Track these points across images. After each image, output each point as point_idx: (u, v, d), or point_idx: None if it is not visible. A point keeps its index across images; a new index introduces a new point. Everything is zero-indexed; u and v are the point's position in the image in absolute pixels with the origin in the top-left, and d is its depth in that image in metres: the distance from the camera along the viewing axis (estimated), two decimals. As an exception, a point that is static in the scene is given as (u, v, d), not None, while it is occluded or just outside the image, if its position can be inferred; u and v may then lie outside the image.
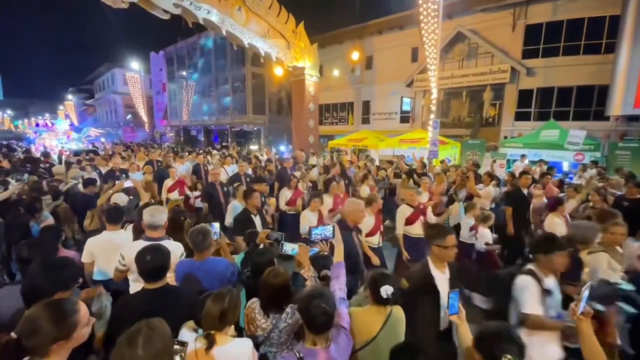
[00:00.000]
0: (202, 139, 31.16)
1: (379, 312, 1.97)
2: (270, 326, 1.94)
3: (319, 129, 14.86)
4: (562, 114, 14.18)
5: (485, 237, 4.40)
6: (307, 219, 4.23)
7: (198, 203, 6.21)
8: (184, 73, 29.34)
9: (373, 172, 7.86)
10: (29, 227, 3.11)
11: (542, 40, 14.61)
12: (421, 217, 4.34)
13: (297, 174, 6.74)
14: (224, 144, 26.57)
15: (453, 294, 1.86)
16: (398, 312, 2.03)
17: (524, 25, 14.90)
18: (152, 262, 1.90)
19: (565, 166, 10.22)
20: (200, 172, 8.04)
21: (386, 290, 1.90)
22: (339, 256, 2.17)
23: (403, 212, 4.36)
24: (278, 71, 15.19)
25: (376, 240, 4.04)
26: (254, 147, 22.97)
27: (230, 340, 1.67)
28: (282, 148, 18.87)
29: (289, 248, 2.41)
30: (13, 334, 1.12)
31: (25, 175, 5.00)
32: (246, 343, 1.70)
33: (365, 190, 6.17)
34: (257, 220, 3.91)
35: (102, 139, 27.92)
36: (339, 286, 1.96)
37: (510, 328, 1.47)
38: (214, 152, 15.14)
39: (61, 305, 1.22)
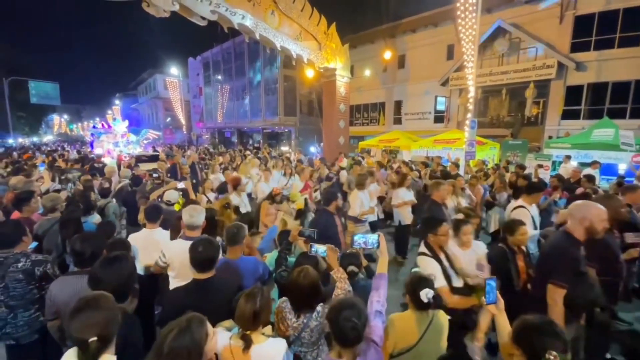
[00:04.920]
0: (236, 140, 32.23)
1: (421, 318, 1.90)
2: (301, 325, 1.93)
3: (349, 129, 14.75)
4: (618, 112, 12.93)
5: None
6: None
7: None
8: (219, 77, 30.54)
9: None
10: (81, 222, 3.35)
11: (594, 31, 13.44)
12: None
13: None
14: (255, 145, 27.28)
15: (491, 281, 1.73)
16: (441, 317, 1.95)
17: (573, 16, 13.80)
18: (203, 253, 2.02)
19: (622, 168, 9.26)
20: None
21: (426, 294, 1.82)
22: (382, 267, 2.10)
23: None
24: (309, 73, 15.34)
25: None
26: (284, 148, 23.34)
27: (265, 339, 1.68)
28: (313, 149, 19.01)
29: (319, 249, 2.40)
30: (94, 337, 1.25)
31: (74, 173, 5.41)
32: (280, 343, 1.71)
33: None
34: None
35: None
36: (377, 298, 1.89)
37: (552, 321, 1.33)
38: (247, 152, 15.58)
39: (105, 297, 1.38)
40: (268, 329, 1.77)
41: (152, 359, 1.23)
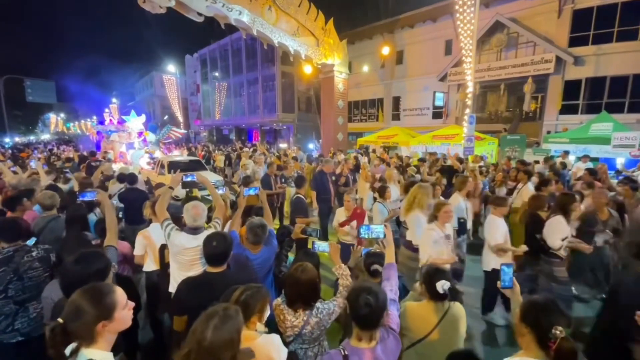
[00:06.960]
0: (233, 137, 32.15)
1: (436, 308, 1.91)
2: (301, 323, 1.92)
3: (347, 126, 14.72)
4: (616, 106, 12.95)
5: None
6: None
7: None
8: (217, 74, 30.38)
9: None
10: (87, 220, 3.29)
11: (592, 26, 13.42)
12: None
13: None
14: (254, 142, 27.24)
15: (507, 267, 1.82)
16: (457, 309, 1.96)
17: (571, 10, 13.77)
18: (217, 248, 2.04)
19: (620, 162, 9.28)
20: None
21: (442, 285, 1.84)
22: (390, 257, 2.13)
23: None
24: (307, 69, 15.22)
25: None
26: (283, 145, 23.30)
27: (257, 336, 1.64)
28: (311, 146, 18.98)
29: (321, 246, 2.40)
30: (60, 319, 1.17)
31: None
32: (274, 339, 1.67)
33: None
34: None
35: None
36: (389, 287, 1.92)
37: (556, 300, 1.41)
38: (245, 149, 15.55)
39: (98, 287, 1.29)
40: (261, 326, 1.72)
41: (191, 350, 1.20)
